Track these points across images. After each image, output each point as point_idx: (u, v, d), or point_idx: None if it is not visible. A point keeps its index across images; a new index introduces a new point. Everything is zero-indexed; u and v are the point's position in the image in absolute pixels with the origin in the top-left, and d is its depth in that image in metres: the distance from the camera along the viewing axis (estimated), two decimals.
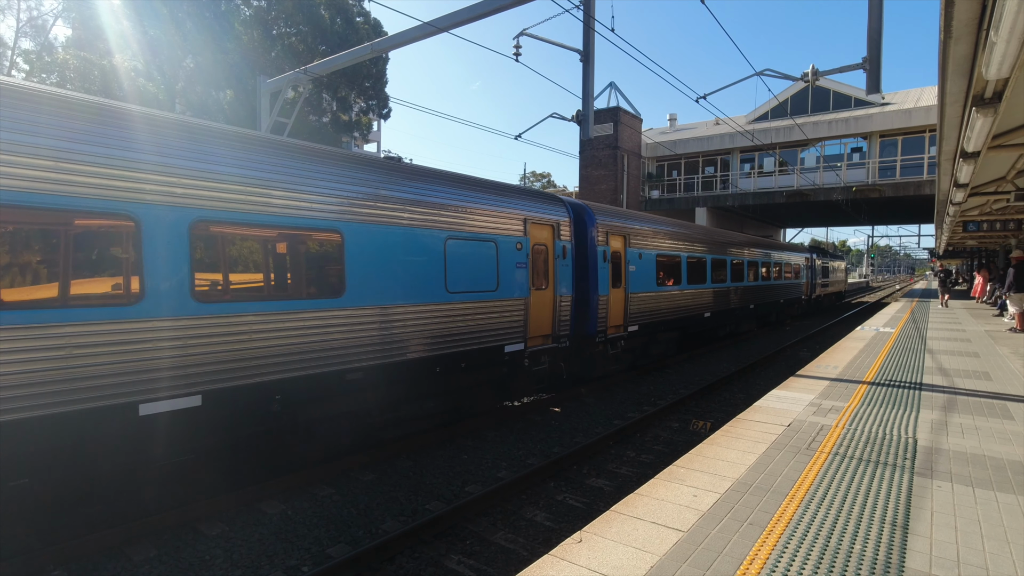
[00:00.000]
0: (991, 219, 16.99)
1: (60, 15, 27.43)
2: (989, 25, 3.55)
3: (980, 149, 6.63)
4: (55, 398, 4.48)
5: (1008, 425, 6.00)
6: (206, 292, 5.43)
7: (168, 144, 5.21)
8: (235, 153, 5.72)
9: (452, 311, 8.00)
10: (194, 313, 5.30)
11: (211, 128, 5.79)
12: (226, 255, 5.63)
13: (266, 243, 5.99)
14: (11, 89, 4.43)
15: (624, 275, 11.97)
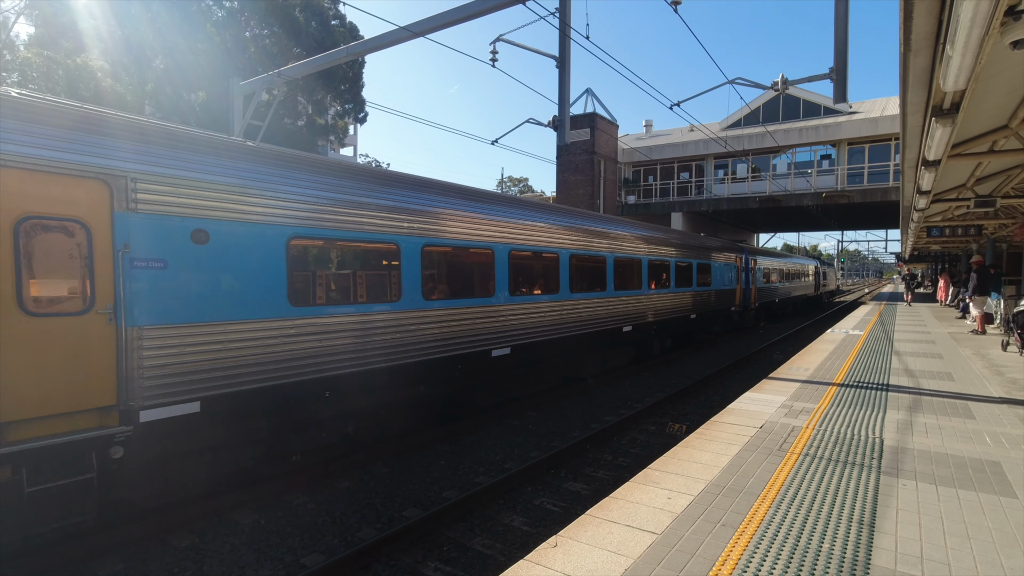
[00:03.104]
0: (953, 224, 17.58)
1: (22, 12, 26.62)
2: (945, 39, 3.70)
3: (940, 157, 6.87)
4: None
5: (970, 424, 6.20)
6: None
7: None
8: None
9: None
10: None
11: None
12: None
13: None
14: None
15: (754, 278, 22.80)
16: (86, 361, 4.73)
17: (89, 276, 4.76)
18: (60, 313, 4.61)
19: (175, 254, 5.25)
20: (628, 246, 13.00)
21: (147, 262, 5.06)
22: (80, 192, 4.72)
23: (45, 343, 4.51)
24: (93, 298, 4.77)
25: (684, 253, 16.04)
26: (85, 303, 4.74)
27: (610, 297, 12.13)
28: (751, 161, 33.88)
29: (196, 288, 5.38)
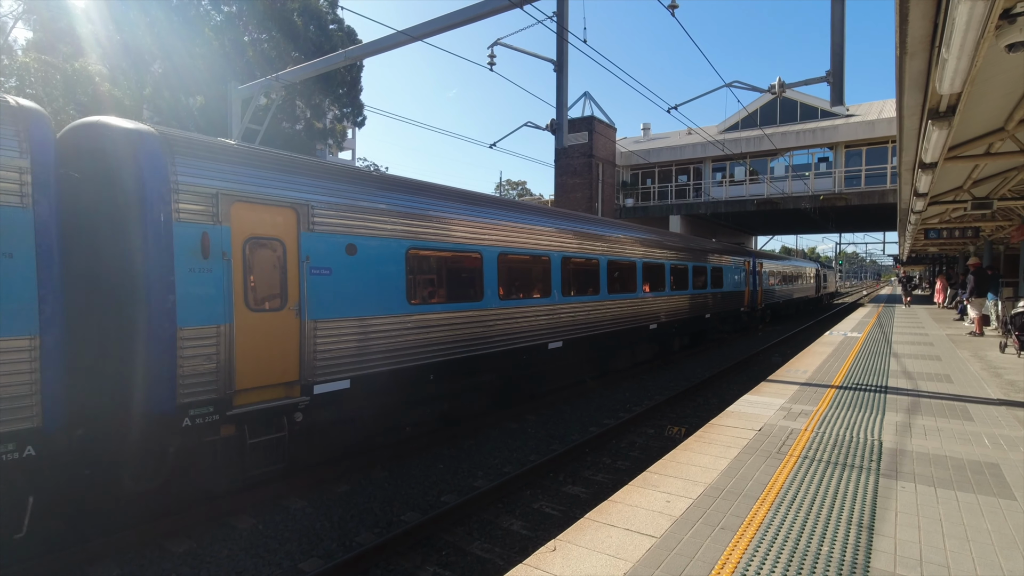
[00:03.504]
0: (950, 227, 17.62)
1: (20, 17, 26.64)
2: (941, 42, 3.71)
3: (937, 160, 6.90)
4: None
5: (968, 426, 6.20)
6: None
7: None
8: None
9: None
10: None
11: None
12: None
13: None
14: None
15: (760, 280, 23.93)
16: (282, 346, 6.10)
17: (284, 281, 6.14)
18: (267, 309, 6.01)
19: (336, 263, 6.67)
20: (655, 251, 14.50)
21: (319, 270, 6.48)
22: (279, 217, 6.13)
23: (259, 332, 5.87)
24: (286, 298, 6.16)
25: (701, 258, 17.48)
26: (282, 302, 6.14)
27: (639, 298, 13.58)
28: (749, 164, 33.98)
29: (349, 290, 6.80)
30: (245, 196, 5.77)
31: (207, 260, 5.46)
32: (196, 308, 5.37)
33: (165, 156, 5.28)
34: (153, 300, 5.15)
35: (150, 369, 5.13)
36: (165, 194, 5.21)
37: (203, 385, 5.40)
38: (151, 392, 5.14)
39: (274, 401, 5.98)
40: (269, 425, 5.98)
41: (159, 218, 5.17)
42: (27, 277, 4.51)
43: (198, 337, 5.37)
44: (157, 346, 5.14)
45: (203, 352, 5.39)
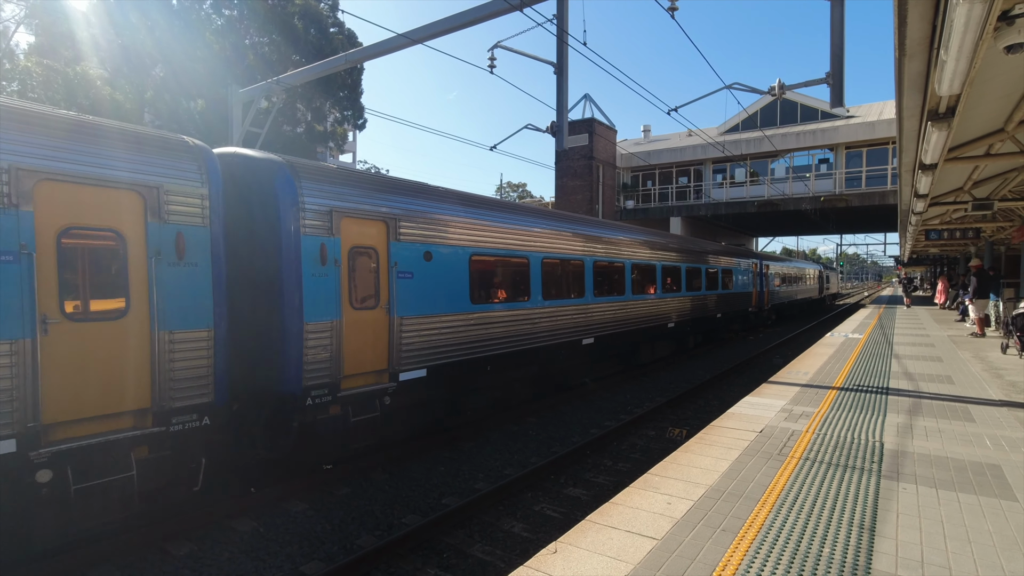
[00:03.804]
0: (951, 227, 17.61)
1: (22, 21, 26.73)
2: (939, 44, 3.72)
3: (937, 161, 6.90)
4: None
5: (969, 427, 6.20)
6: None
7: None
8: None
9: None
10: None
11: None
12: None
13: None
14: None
15: (767, 282, 25.22)
16: (376, 339, 7.10)
17: (377, 284, 7.16)
18: (366, 308, 7.01)
19: (416, 268, 7.67)
20: (672, 255, 15.64)
21: (404, 274, 7.48)
22: (374, 229, 7.16)
23: (359, 327, 6.89)
24: (379, 298, 7.17)
25: (712, 261, 18.74)
26: (376, 301, 7.14)
27: (658, 298, 14.71)
28: (749, 165, 33.98)
29: (426, 291, 7.81)
30: (350, 212, 6.87)
31: (324, 267, 6.51)
32: (317, 307, 6.42)
33: (294, 181, 6.36)
34: (286, 300, 6.26)
35: (285, 357, 6.24)
36: (295, 212, 6.28)
37: (321, 371, 6.44)
38: (284, 376, 6.24)
39: (370, 386, 7.04)
40: (366, 407, 7.05)
41: (291, 231, 6.26)
42: (206, 281, 5.53)
43: (318, 331, 6.43)
44: (290, 338, 6.23)
45: (322, 343, 6.45)
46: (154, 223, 5.15)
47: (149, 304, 5.11)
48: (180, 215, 5.33)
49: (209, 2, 25.27)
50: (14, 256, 4.33)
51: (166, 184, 5.23)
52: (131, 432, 4.98)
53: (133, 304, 5.04)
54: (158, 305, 5.15)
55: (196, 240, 5.42)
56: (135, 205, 5.06)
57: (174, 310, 5.26)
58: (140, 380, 5.06)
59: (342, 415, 6.76)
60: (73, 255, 4.76)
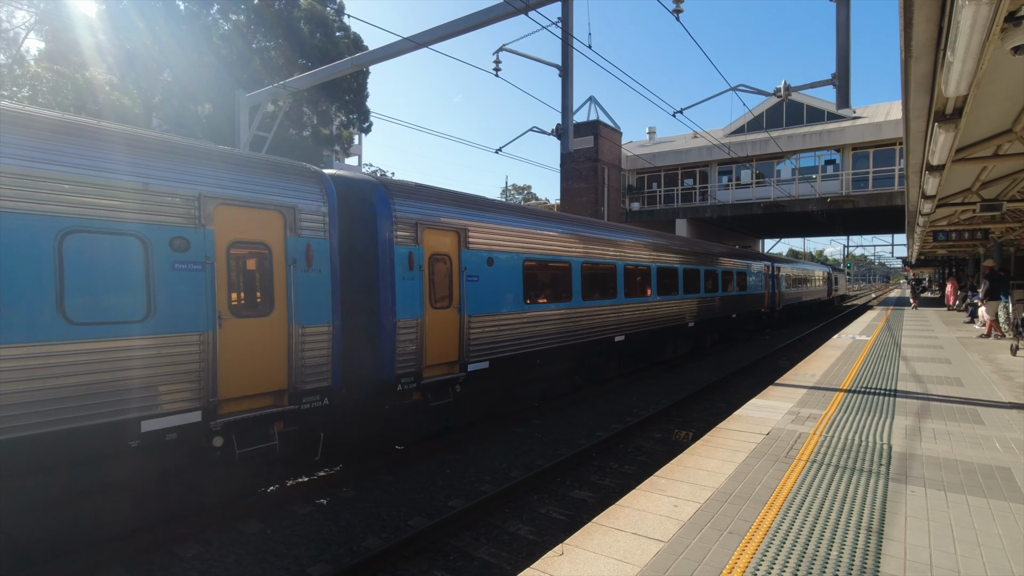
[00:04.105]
0: (959, 228, 17.48)
1: (33, 28, 27.01)
2: (946, 45, 3.71)
3: (945, 162, 6.86)
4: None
5: (979, 430, 6.15)
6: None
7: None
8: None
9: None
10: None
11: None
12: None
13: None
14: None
15: (778, 283, 25.93)
16: (449, 335, 8.11)
17: (451, 286, 8.16)
18: (442, 307, 8.03)
19: (482, 272, 8.67)
20: (692, 259, 16.61)
21: (472, 277, 8.48)
22: (448, 239, 8.17)
23: (437, 324, 7.91)
24: (452, 299, 8.18)
25: (728, 264, 19.70)
26: (449, 302, 8.15)
27: (680, 299, 15.61)
28: (755, 167, 33.87)
29: (489, 293, 8.80)
30: (431, 224, 7.88)
31: (412, 271, 7.50)
32: (406, 306, 7.42)
33: (389, 198, 7.37)
34: (383, 300, 7.29)
35: (381, 348, 7.26)
36: (390, 225, 7.30)
37: (408, 362, 7.46)
38: (381, 365, 7.27)
39: (445, 376, 8.05)
40: (441, 393, 8.12)
41: (387, 241, 7.29)
42: (327, 285, 6.52)
43: (407, 327, 7.44)
44: (385, 333, 7.25)
45: (409, 338, 7.46)
46: (291, 237, 6.19)
47: (288, 303, 6.14)
48: (309, 230, 6.37)
49: (216, 7, 25.45)
50: (202, 265, 5.40)
51: (299, 204, 6.28)
52: (274, 409, 6.00)
53: (276, 303, 6.07)
54: (293, 304, 6.16)
55: (320, 250, 6.47)
56: (278, 222, 6.11)
57: (305, 309, 6.28)
58: (280, 366, 6.09)
59: (423, 400, 7.87)
60: (237, 264, 5.82)
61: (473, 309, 8.48)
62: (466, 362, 8.35)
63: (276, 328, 6.04)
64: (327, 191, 6.62)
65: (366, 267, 7.35)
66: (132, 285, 4.95)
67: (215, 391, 5.40)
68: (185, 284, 5.28)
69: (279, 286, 6.09)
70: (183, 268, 5.27)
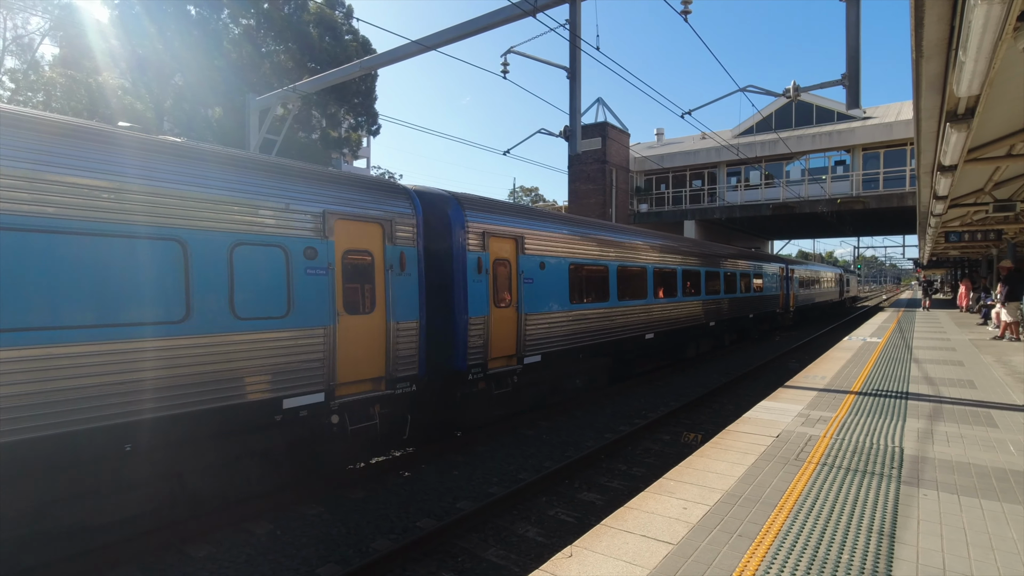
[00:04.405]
0: (972, 229, 17.30)
1: (47, 34, 27.39)
2: (958, 45, 3.68)
3: (957, 162, 6.80)
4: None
5: (992, 433, 6.08)
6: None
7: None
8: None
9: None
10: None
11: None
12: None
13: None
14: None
15: (792, 285, 26.73)
16: (509, 331, 9.08)
17: (510, 287, 9.15)
18: (503, 306, 9.00)
19: (535, 275, 9.63)
20: (714, 261, 17.56)
21: (527, 279, 9.43)
22: (508, 245, 9.14)
23: (499, 322, 8.87)
24: (511, 298, 9.15)
25: (746, 267, 20.62)
26: (509, 301, 9.13)
27: (703, 300, 16.56)
28: (764, 168, 33.68)
29: (541, 293, 9.75)
30: (495, 233, 8.87)
31: (480, 274, 8.46)
32: (475, 305, 8.40)
33: (462, 210, 8.37)
34: (457, 299, 8.26)
35: (456, 342, 8.25)
36: (463, 233, 8.28)
37: (477, 354, 8.44)
38: (455, 356, 8.25)
39: (506, 367, 9.05)
40: (503, 383, 9.16)
41: (461, 247, 8.26)
42: (415, 286, 7.50)
43: (476, 324, 8.41)
44: (459, 328, 8.24)
45: (478, 333, 8.45)
46: (389, 245, 7.18)
47: (386, 302, 7.12)
48: (402, 239, 7.35)
49: (226, 12, 25.70)
50: (326, 270, 6.41)
51: (395, 217, 7.28)
52: (374, 393, 6.99)
53: (377, 302, 7.07)
54: (390, 303, 7.13)
55: (410, 256, 7.44)
56: (379, 233, 7.13)
57: (398, 307, 7.25)
58: (379, 356, 7.07)
59: (487, 389, 8.88)
60: (348, 268, 6.77)
61: (528, 308, 9.44)
62: (522, 355, 9.33)
63: (377, 324, 7.05)
64: (415, 205, 7.69)
65: (443, 271, 8.28)
66: (278, 287, 5.99)
67: (334, 376, 6.42)
68: (314, 286, 6.30)
69: (379, 287, 7.13)
70: (312, 273, 6.30)
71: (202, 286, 5.32)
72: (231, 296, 5.56)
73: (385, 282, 7.14)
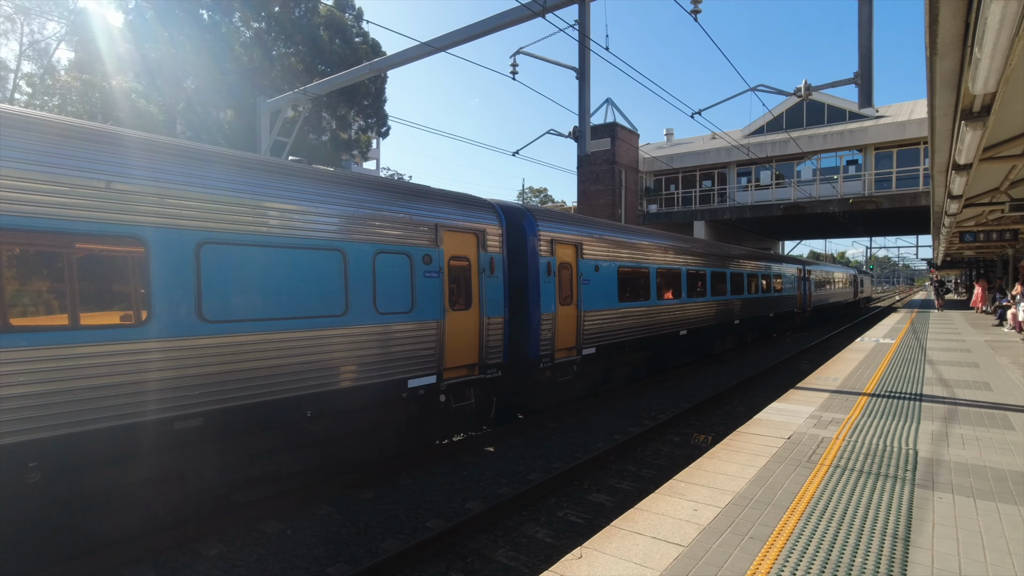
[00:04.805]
0: (987, 229, 17.06)
1: (63, 39, 27.78)
2: (973, 42, 3.63)
3: (972, 161, 6.70)
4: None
5: (1009, 435, 5.99)
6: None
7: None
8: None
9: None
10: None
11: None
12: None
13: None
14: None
15: (809, 285, 27.72)
16: (570, 326, 10.20)
17: (572, 288, 10.28)
18: (566, 304, 10.11)
19: (591, 277, 10.77)
20: (739, 263, 18.66)
21: (585, 281, 10.55)
22: (570, 250, 10.29)
23: (563, 318, 10.01)
24: (572, 298, 10.26)
25: (767, 267, 21.74)
26: (571, 300, 10.25)
27: (729, 300, 17.65)
28: (775, 168, 33.43)
29: (596, 293, 10.90)
30: (560, 240, 10.01)
31: (549, 276, 9.61)
32: (546, 303, 9.52)
33: (535, 221, 9.60)
34: (532, 298, 9.42)
35: (530, 335, 9.40)
36: (536, 241, 9.47)
37: (546, 346, 9.59)
38: (530, 347, 9.41)
39: (568, 358, 10.18)
40: (565, 372, 10.27)
41: (535, 252, 9.46)
42: (501, 287, 8.76)
43: (546, 319, 9.55)
44: (533, 322, 9.40)
45: (547, 327, 9.58)
46: (482, 252, 8.42)
47: (479, 301, 8.36)
48: (491, 246, 8.59)
49: (237, 16, 25.93)
50: (438, 273, 7.65)
51: (486, 228, 8.54)
52: (470, 377, 8.25)
53: (472, 301, 8.29)
54: (483, 301, 8.36)
55: (497, 261, 8.71)
56: (474, 241, 8.36)
57: (489, 304, 8.48)
58: (474, 346, 8.33)
59: (552, 377, 9.98)
60: (452, 272, 7.99)
61: (586, 306, 10.55)
62: (581, 347, 10.48)
63: (472, 318, 8.29)
64: (500, 217, 8.97)
65: (519, 273, 9.43)
66: (405, 287, 7.23)
67: (442, 362, 7.67)
68: (430, 287, 7.53)
69: (474, 288, 8.34)
70: (429, 275, 7.51)
71: (356, 287, 6.61)
72: (374, 295, 6.83)
73: (479, 283, 8.39)
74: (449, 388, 7.86)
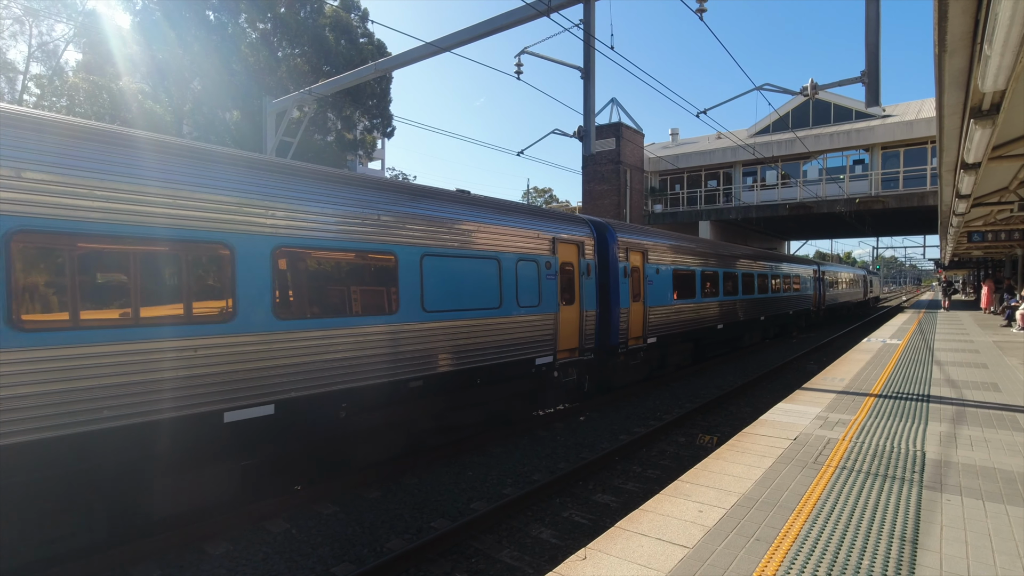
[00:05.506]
0: (996, 229, 16.94)
1: (71, 40, 27.97)
2: (983, 39, 3.60)
3: (980, 160, 6.65)
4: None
5: (1018, 437, 5.93)
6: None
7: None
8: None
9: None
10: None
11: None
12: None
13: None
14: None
15: (823, 285, 29.45)
16: (639, 319, 12.09)
17: (639, 287, 12.15)
18: (636, 301, 11.97)
19: (654, 278, 12.69)
20: (764, 264, 20.45)
21: (649, 281, 12.43)
22: (638, 256, 12.20)
23: (633, 313, 11.90)
24: (639, 296, 12.15)
25: (788, 268, 23.37)
26: (637, 298, 12.08)
27: (756, 298, 19.47)
28: (781, 168, 33.27)
29: (657, 292, 12.80)
30: (632, 247, 11.96)
31: (625, 278, 11.56)
32: (623, 299, 11.47)
33: (615, 232, 11.51)
34: (612, 295, 11.32)
35: (613, 325, 11.29)
36: (616, 248, 11.42)
37: (623, 335, 11.49)
38: (611, 336, 11.31)
39: (636, 346, 12.07)
40: (634, 357, 12.23)
41: (616, 258, 11.39)
42: (593, 286, 10.72)
43: (623, 313, 11.45)
44: (614, 316, 11.27)
45: (623, 319, 11.44)
46: (582, 259, 10.38)
47: (580, 298, 10.30)
48: (587, 254, 10.56)
49: (243, 17, 26.03)
50: (554, 276, 9.63)
51: (584, 239, 10.53)
52: (572, 359, 10.21)
53: (575, 298, 10.21)
54: (583, 298, 10.33)
55: (592, 266, 10.69)
56: (575, 250, 10.35)
57: (586, 301, 10.43)
58: (576, 334, 10.25)
59: (625, 361, 11.94)
60: (562, 275, 9.89)
61: (650, 303, 12.47)
62: (646, 337, 12.35)
63: (575, 312, 10.18)
64: (592, 230, 10.97)
65: (604, 275, 11.27)
66: (534, 287, 9.17)
67: (556, 345, 9.61)
68: (549, 286, 9.46)
69: (576, 287, 10.27)
70: (549, 278, 9.47)
71: (506, 286, 8.61)
72: (517, 293, 8.80)
73: (580, 284, 10.31)
74: (560, 367, 9.91)
